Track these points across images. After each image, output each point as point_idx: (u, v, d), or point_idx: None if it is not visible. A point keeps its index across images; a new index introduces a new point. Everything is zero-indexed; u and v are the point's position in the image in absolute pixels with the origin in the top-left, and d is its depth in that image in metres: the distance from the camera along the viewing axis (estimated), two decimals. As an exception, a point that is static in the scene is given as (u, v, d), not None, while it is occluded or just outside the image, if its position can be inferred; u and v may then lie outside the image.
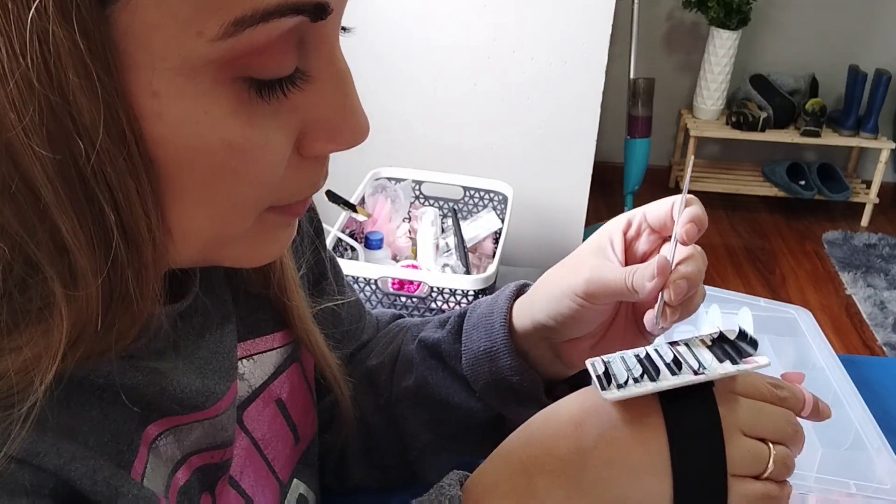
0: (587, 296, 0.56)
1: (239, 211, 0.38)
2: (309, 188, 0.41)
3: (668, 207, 0.58)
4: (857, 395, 0.92)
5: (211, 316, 0.49)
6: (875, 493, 0.77)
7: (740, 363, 0.46)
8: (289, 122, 0.37)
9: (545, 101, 2.15)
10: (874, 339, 2.51)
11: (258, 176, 0.36)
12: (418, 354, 0.67)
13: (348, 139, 0.40)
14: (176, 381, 0.43)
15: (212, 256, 0.40)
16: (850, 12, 3.17)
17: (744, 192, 3.26)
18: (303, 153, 0.39)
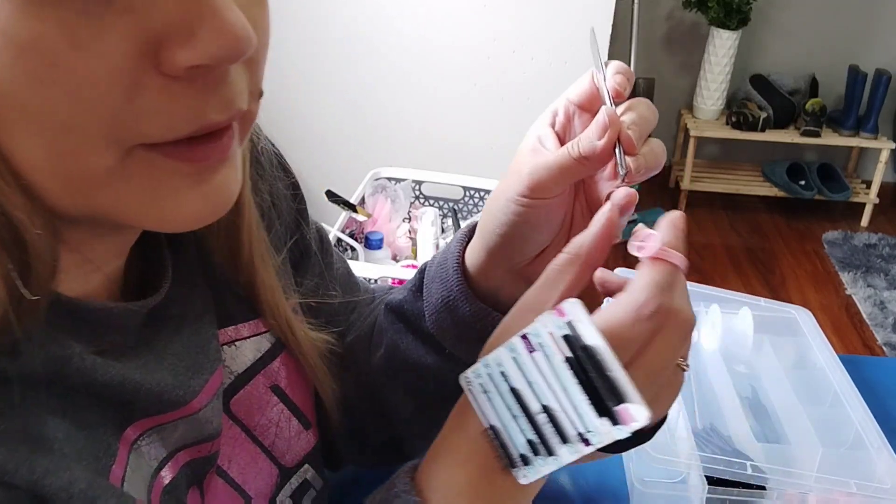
0: (532, 190, 0.49)
1: (78, 136, 0.32)
2: (192, 119, 0.33)
3: (588, 78, 0.51)
4: (858, 395, 0.92)
5: (188, 309, 0.48)
6: (875, 493, 0.77)
7: (619, 422, 0.40)
8: (120, 26, 0.30)
9: (545, 101, 2.15)
10: (874, 339, 2.51)
11: (81, 90, 0.30)
12: (386, 319, 0.61)
13: (210, 44, 0.31)
14: (148, 379, 0.41)
15: (97, 204, 0.35)
16: (850, 12, 3.17)
17: (744, 192, 3.26)
18: (163, 69, 0.32)
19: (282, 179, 0.63)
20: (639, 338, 0.41)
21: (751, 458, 0.84)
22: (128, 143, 0.33)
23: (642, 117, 0.50)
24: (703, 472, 0.80)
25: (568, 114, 0.53)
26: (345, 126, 2.28)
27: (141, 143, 0.33)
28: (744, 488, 0.80)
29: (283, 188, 0.62)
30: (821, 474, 0.79)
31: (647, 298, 0.41)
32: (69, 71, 0.30)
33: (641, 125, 0.49)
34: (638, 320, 0.41)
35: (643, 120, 0.50)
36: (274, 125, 2.42)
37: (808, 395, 0.95)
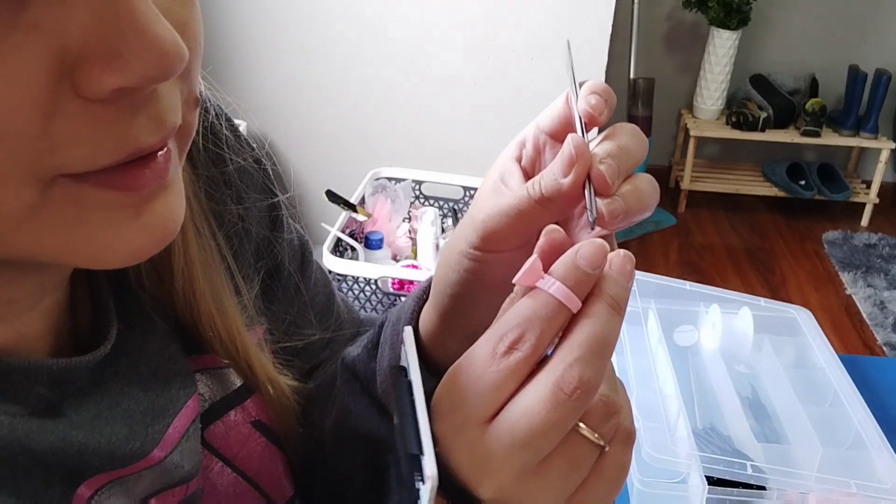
0: (485, 241, 0.40)
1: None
2: (118, 145, 0.29)
3: (560, 102, 0.43)
4: (858, 395, 0.92)
5: (144, 345, 0.43)
6: (875, 493, 0.77)
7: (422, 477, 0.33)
8: (28, 47, 0.26)
9: (545, 101, 2.15)
10: (874, 339, 2.51)
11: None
12: (341, 377, 0.54)
13: (137, 64, 0.27)
14: (96, 437, 0.37)
15: (17, 243, 0.31)
16: (850, 12, 3.17)
17: (744, 192, 3.26)
18: (82, 92, 0.28)
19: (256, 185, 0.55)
20: (490, 379, 0.34)
21: (751, 458, 0.84)
22: (48, 174, 0.29)
23: (623, 148, 0.40)
24: (704, 472, 0.80)
25: (538, 145, 0.44)
26: (345, 126, 2.28)
27: (64, 173, 0.29)
28: (744, 488, 0.80)
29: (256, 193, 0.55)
30: (821, 474, 0.79)
31: (504, 330, 0.34)
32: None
33: (620, 158, 0.39)
34: (491, 357, 0.34)
35: (623, 151, 0.40)
36: (274, 125, 2.44)
37: (809, 395, 0.96)
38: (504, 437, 0.33)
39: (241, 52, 2.19)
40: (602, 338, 0.34)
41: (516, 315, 0.34)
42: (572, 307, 0.34)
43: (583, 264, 0.34)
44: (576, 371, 0.33)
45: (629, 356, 0.97)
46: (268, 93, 2.25)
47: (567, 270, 0.34)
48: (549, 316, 0.34)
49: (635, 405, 0.90)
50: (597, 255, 0.34)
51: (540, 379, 0.33)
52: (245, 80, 2.22)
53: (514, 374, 0.34)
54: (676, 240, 3.05)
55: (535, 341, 0.34)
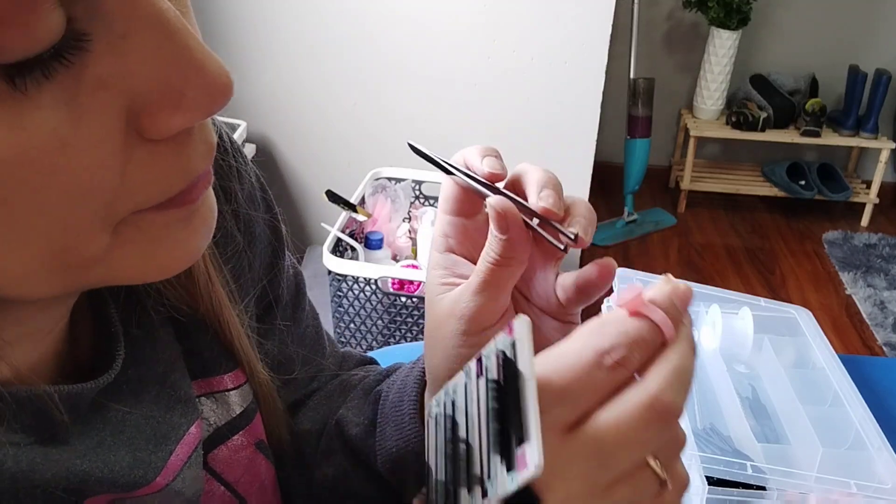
0: (473, 325, 0.42)
1: (75, 231, 0.29)
2: (183, 177, 0.31)
3: (448, 185, 0.45)
4: (858, 395, 0.92)
5: (148, 370, 0.43)
6: (875, 493, 0.77)
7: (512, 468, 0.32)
8: (101, 106, 0.27)
9: (545, 101, 2.15)
10: (874, 339, 2.51)
11: (74, 186, 0.27)
12: (338, 440, 0.56)
13: (201, 100, 0.29)
14: (99, 466, 0.37)
15: (91, 279, 0.32)
16: (850, 12, 3.17)
17: (744, 192, 3.26)
18: (151, 136, 0.29)
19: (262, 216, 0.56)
20: (590, 387, 0.34)
21: (751, 458, 0.84)
22: (122, 216, 0.30)
23: (541, 180, 0.42)
24: (704, 473, 0.80)
25: (459, 229, 0.45)
26: (345, 126, 2.28)
27: (135, 211, 0.31)
28: (744, 488, 0.80)
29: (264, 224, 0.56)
30: (821, 474, 0.79)
31: (612, 345, 0.34)
32: (62, 171, 0.27)
33: (548, 186, 0.42)
34: (596, 366, 0.34)
35: (544, 182, 0.42)
36: (275, 126, 2.44)
37: (809, 394, 0.96)
38: (589, 445, 0.33)
39: (241, 52, 2.19)
40: (688, 370, 0.35)
41: (623, 333, 0.35)
42: (669, 336, 0.36)
43: (677, 301, 0.36)
44: (669, 394, 0.34)
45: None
46: (268, 93, 2.25)
47: (666, 303, 0.36)
48: (651, 341, 0.35)
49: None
50: (687, 295, 0.37)
51: (632, 395, 0.34)
52: (245, 80, 2.22)
53: (616, 388, 0.34)
54: (676, 240, 3.05)
55: (637, 362, 0.35)
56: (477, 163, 0.43)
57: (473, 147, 0.44)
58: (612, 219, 3.04)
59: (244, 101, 2.22)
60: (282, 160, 2.35)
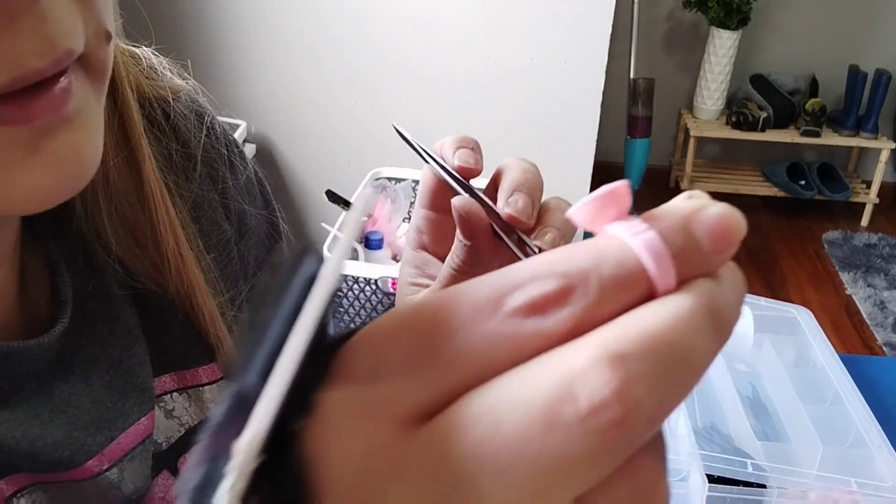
0: None
1: None
2: (2, 68, 0.27)
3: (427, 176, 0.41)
4: (858, 394, 0.92)
5: (102, 352, 0.40)
6: (876, 491, 0.77)
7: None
8: None
9: (545, 101, 2.15)
10: (874, 339, 2.51)
11: None
12: None
13: None
14: (23, 435, 0.35)
15: None
16: (850, 12, 3.17)
17: (744, 192, 3.26)
18: None
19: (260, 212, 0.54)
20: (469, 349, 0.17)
21: (751, 456, 0.84)
22: None
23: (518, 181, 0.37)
24: (704, 471, 0.80)
25: (435, 225, 0.41)
26: (345, 126, 2.28)
27: None
28: (744, 486, 0.81)
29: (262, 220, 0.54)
30: (821, 472, 0.79)
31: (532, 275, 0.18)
32: None
33: (523, 185, 0.36)
34: (491, 308, 0.17)
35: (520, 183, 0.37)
36: (275, 126, 2.43)
37: (809, 393, 0.96)
38: (437, 455, 0.16)
39: (242, 51, 2.19)
40: (682, 346, 0.17)
41: (559, 259, 0.18)
42: (660, 282, 0.18)
43: (700, 234, 0.19)
44: (616, 375, 0.16)
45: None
46: (268, 93, 2.25)
47: (674, 228, 0.19)
48: (618, 277, 0.18)
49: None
50: (727, 230, 0.20)
51: (545, 372, 0.16)
52: (245, 79, 2.22)
53: (518, 350, 0.17)
54: (676, 240, 3.05)
55: (580, 310, 0.17)
56: (449, 155, 0.38)
57: (450, 137, 0.39)
58: (612, 219, 3.04)
59: (244, 101, 2.23)
60: (282, 160, 2.35)
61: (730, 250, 0.20)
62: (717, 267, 0.20)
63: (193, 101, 0.50)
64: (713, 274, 0.20)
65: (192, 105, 0.50)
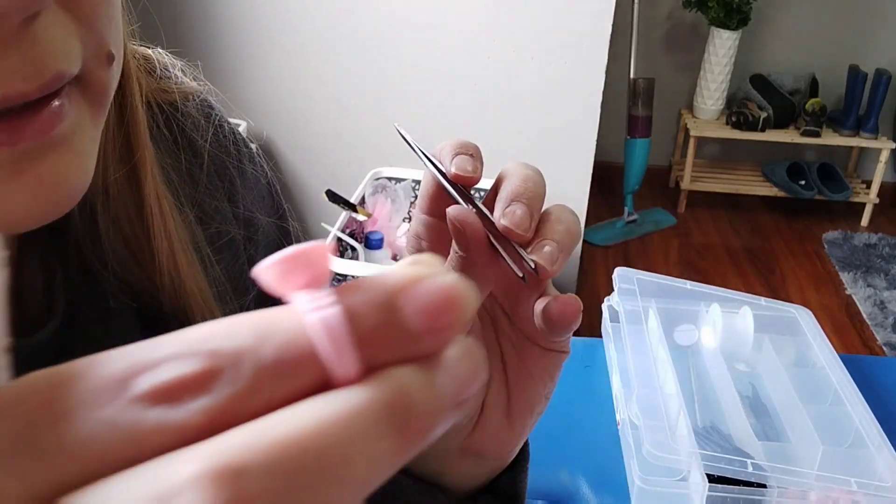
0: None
1: None
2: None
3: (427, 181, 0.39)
4: (858, 394, 0.92)
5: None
6: (876, 491, 0.77)
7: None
8: None
9: (545, 101, 2.15)
10: (874, 339, 2.51)
11: None
12: None
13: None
14: None
15: None
16: (850, 12, 3.17)
17: (744, 192, 3.26)
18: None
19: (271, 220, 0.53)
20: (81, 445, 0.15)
21: (752, 456, 0.84)
22: None
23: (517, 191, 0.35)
24: (704, 470, 0.80)
25: (434, 231, 0.40)
26: (345, 126, 2.28)
27: None
28: (745, 486, 0.81)
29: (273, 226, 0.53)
30: (821, 472, 0.79)
31: (169, 355, 0.15)
32: None
33: (521, 198, 0.35)
34: (115, 388, 0.15)
35: (520, 192, 0.35)
36: (274, 125, 2.43)
37: (809, 393, 0.96)
38: None
39: (241, 51, 2.19)
40: (331, 456, 0.14)
41: (216, 334, 0.16)
42: (336, 369, 0.15)
43: (409, 312, 0.16)
44: (220, 495, 0.13)
45: (630, 355, 0.97)
46: (268, 92, 2.25)
47: (370, 304, 0.16)
48: (281, 361, 0.15)
49: (636, 404, 0.90)
50: (446, 307, 0.16)
51: (142, 483, 0.14)
52: (245, 79, 2.23)
53: (137, 446, 0.14)
54: (676, 240, 3.05)
55: (223, 399, 0.15)
56: (447, 161, 0.37)
57: (450, 142, 0.38)
58: (612, 219, 3.04)
59: (244, 101, 2.23)
60: (282, 160, 2.35)
61: (449, 331, 0.17)
62: (431, 350, 0.16)
63: (204, 101, 0.50)
64: (428, 358, 0.16)
65: (202, 107, 0.50)
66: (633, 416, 0.92)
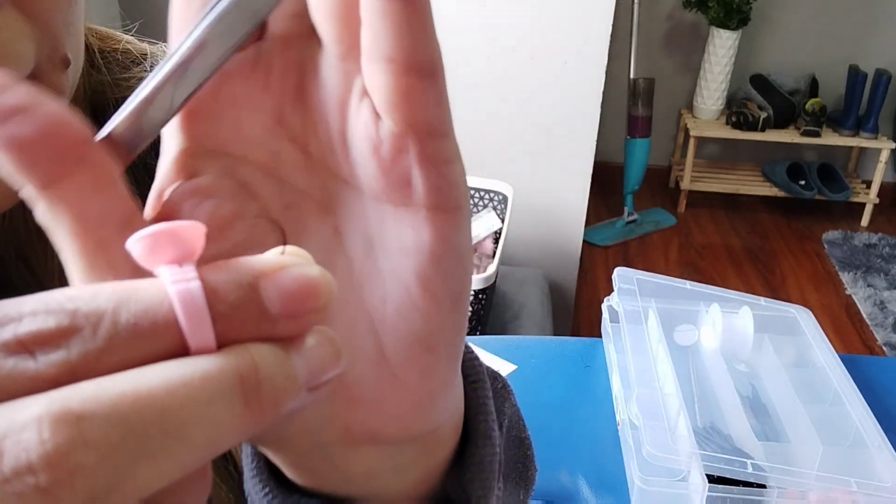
0: None
1: None
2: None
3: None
4: (858, 394, 0.92)
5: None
6: (876, 491, 0.77)
7: None
8: None
9: (545, 101, 2.15)
10: (874, 339, 2.51)
11: None
12: None
13: None
14: None
15: None
16: (850, 12, 3.17)
17: (744, 192, 3.26)
18: None
19: None
20: None
21: (751, 456, 0.85)
22: None
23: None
24: (704, 471, 0.80)
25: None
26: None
27: None
28: (744, 486, 0.81)
29: None
30: (821, 472, 0.79)
31: (27, 303, 0.16)
32: None
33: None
34: None
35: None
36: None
37: (809, 393, 0.96)
38: None
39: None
40: (173, 414, 0.15)
41: (79, 295, 0.16)
42: (192, 339, 0.17)
43: (271, 294, 0.17)
44: (55, 437, 0.14)
45: (630, 355, 0.97)
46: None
47: (232, 283, 0.17)
48: (138, 326, 0.16)
49: (636, 404, 0.90)
50: (305, 295, 0.18)
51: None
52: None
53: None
54: (676, 240, 3.05)
55: (76, 356, 0.16)
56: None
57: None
58: (612, 219, 3.04)
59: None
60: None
61: (306, 317, 0.18)
62: (290, 333, 0.18)
63: None
64: (287, 340, 0.18)
65: None
66: (633, 417, 0.92)
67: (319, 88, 0.23)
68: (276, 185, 0.24)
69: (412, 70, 0.22)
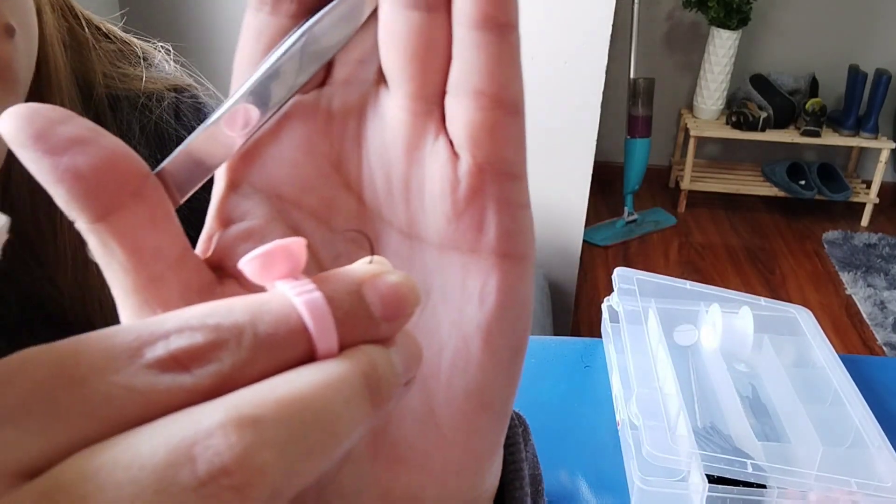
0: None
1: None
2: None
3: None
4: (858, 394, 0.92)
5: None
6: (876, 492, 0.77)
7: None
8: None
9: (545, 101, 2.15)
10: (874, 339, 2.51)
11: None
12: None
13: None
14: None
15: None
16: (850, 12, 3.17)
17: (744, 192, 3.26)
18: None
19: None
20: (98, 407, 0.16)
21: (751, 456, 0.84)
22: None
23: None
24: (704, 471, 0.80)
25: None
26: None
27: None
28: (744, 487, 0.81)
29: None
30: (821, 473, 0.79)
31: (177, 326, 0.17)
32: None
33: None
34: (128, 357, 0.16)
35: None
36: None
37: (809, 394, 0.96)
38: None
39: (242, 52, 2.19)
40: (325, 413, 0.17)
41: (216, 311, 0.17)
42: (320, 344, 0.18)
43: (372, 300, 0.19)
44: (241, 440, 0.15)
45: (630, 355, 0.97)
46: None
47: (343, 292, 0.18)
48: (275, 336, 0.17)
49: (636, 404, 0.90)
50: (400, 299, 0.19)
51: (168, 431, 0.15)
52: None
53: (150, 407, 0.16)
54: (676, 240, 3.05)
55: (227, 367, 0.17)
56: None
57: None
58: (612, 219, 3.04)
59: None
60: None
61: (402, 319, 0.19)
62: (389, 334, 0.19)
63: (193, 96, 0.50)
64: (385, 341, 0.19)
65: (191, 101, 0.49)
66: (632, 417, 0.92)
67: (382, 133, 0.23)
68: (328, 233, 0.24)
69: (500, 104, 0.22)
